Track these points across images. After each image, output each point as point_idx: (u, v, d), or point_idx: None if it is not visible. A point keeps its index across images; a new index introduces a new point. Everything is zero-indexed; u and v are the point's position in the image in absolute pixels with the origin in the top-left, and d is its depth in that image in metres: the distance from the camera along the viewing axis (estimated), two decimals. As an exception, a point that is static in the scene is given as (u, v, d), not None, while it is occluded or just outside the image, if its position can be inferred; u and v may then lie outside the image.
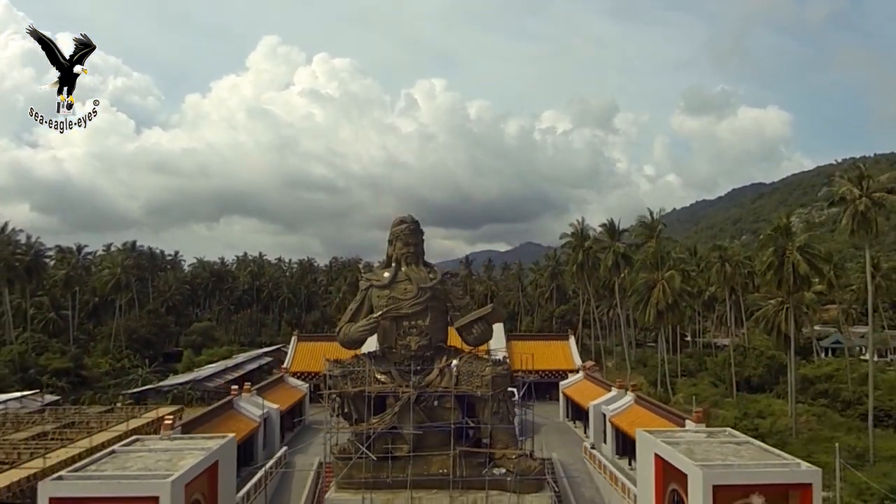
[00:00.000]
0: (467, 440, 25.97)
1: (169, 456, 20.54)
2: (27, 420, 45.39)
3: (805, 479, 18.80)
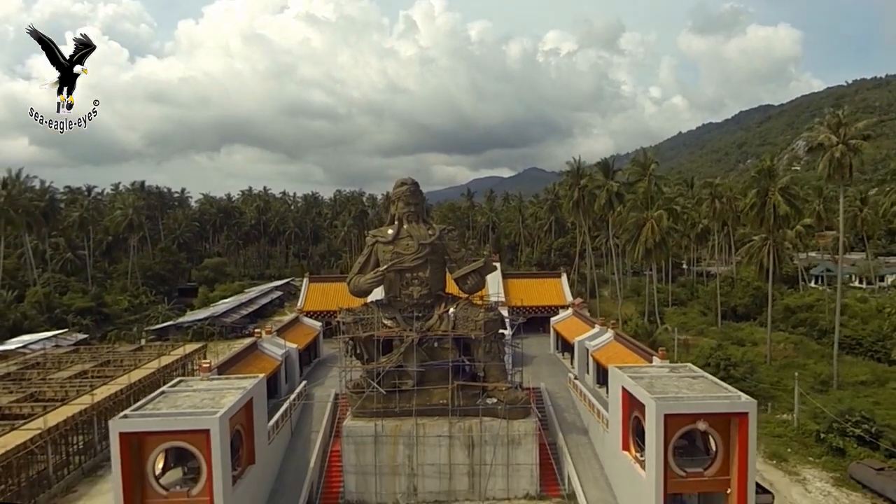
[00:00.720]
0: (463, 375, 29.84)
1: (212, 395, 24.43)
2: (65, 360, 49.75)
3: (743, 408, 22.54)
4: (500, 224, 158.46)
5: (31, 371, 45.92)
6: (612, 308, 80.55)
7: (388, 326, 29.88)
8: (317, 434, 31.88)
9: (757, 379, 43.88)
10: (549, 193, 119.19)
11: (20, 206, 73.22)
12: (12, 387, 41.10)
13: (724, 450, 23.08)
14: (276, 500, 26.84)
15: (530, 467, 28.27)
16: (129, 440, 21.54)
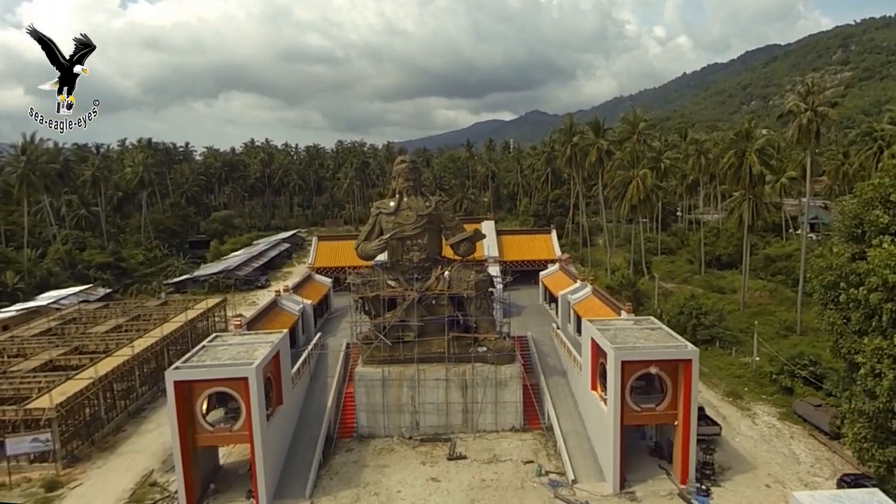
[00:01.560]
0: (458, 328, 34.45)
1: (245, 348, 29.08)
2: (99, 315, 54.50)
3: (688, 355, 27.11)
4: (500, 174, 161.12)
5: (69, 326, 50.75)
6: (605, 257, 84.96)
7: (391, 287, 34.33)
8: (332, 379, 36.88)
9: (724, 326, 48.54)
10: (546, 145, 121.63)
11: (39, 170, 76.75)
12: (57, 341, 46.01)
13: (673, 389, 27.79)
14: (301, 434, 31.94)
15: (515, 405, 33.24)
16: (182, 387, 26.24)
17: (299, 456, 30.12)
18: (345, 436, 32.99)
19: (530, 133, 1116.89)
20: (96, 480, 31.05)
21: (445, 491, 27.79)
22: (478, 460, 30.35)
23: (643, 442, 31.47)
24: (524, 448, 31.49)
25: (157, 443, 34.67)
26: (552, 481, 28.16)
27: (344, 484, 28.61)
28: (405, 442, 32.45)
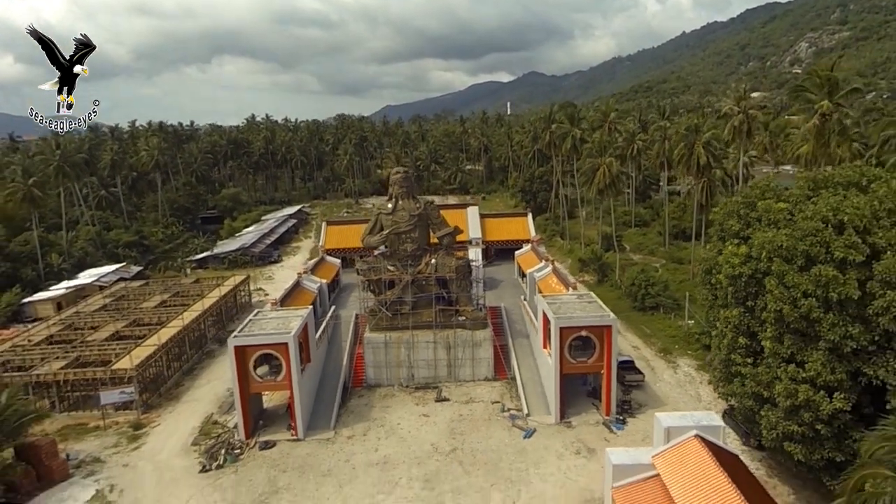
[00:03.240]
0: (442, 302, 44.12)
1: (282, 321, 38.84)
2: (143, 292, 64.05)
3: (609, 322, 36.85)
4: (493, 147, 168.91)
5: (121, 302, 60.50)
6: (584, 229, 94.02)
7: (391, 271, 43.94)
8: (345, 342, 46.84)
9: (668, 295, 58.25)
10: (531, 125, 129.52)
11: (70, 161, 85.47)
12: (116, 315, 55.84)
13: (600, 347, 37.60)
14: (324, 384, 41.97)
15: (487, 360, 43.17)
16: (239, 350, 36.06)
17: (324, 400, 40.20)
18: (357, 385, 43.02)
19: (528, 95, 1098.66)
20: (169, 422, 41.15)
21: (433, 423, 37.91)
22: (458, 402, 40.47)
23: (584, 387, 41.41)
24: (493, 392, 41.56)
25: (211, 394, 44.78)
26: (511, 415, 38.27)
27: (358, 419, 38.76)
28: (403, 389, 42.51)
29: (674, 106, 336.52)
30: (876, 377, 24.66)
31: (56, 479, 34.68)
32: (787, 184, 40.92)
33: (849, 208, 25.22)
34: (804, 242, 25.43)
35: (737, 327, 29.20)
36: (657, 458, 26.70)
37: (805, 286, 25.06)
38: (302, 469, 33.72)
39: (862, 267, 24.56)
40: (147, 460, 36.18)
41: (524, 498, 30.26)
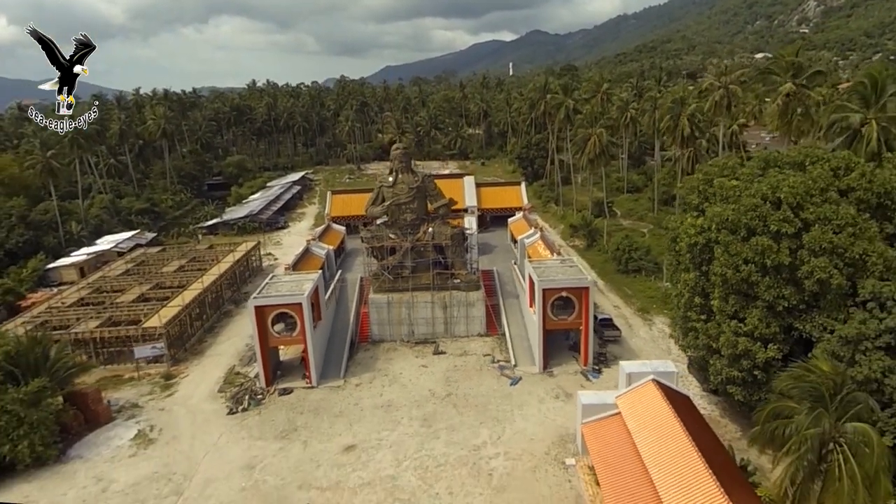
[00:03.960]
0: (439, 266, 48.56)
1: (295, 284, 43.40)
2: (161, 258, 68.51)
3: (586, 284, 41.35)
4: (492, 113, 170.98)
5: (143, 267, 65.09)
6: (578, 195, 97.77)
7: (392, 238, 48.28)
8: (352, 302, 51.52)
9: (649, 259, 62.59)
10: (528, 94, 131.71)
11: (84, 133, 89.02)
12: (139, 279, 60.51)
13: (579, 306, 42.18)
14: (334, 339, 46.80)
15: (480, 318, 47.84)
16: (259, 310, 40.71)
17: (334, 353, 45.07)
18: (363, 340, 47.86)
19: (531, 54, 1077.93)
20: (196, 373, 46.14)
21: (431, 372, 42.82)
22: (453, 354, 45.33)
23: (566, 342, 46.12)
24: (485, 346, 46.39)
25: (232, 349, 49.71)
26: (500, 366, 43.15)
27: (364, 369, 43.70)
28: (404, 344, 47.36)
29: (676, 68, 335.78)
30: (804, 331, 29.22)
31: (101, 422, 39.76)
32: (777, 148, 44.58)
33: (785, 187, 29.36)
34: (746, 216, 29.67)
35: (693, 289, 33.71)
36: (619, 398, 31.52)
37: (746, 254, 29.42)
38: (316, 411, 38.78)
39: (794, 237, 28.84)
40: (180, 405, 41.27)
41: (508, 433, 35.28)
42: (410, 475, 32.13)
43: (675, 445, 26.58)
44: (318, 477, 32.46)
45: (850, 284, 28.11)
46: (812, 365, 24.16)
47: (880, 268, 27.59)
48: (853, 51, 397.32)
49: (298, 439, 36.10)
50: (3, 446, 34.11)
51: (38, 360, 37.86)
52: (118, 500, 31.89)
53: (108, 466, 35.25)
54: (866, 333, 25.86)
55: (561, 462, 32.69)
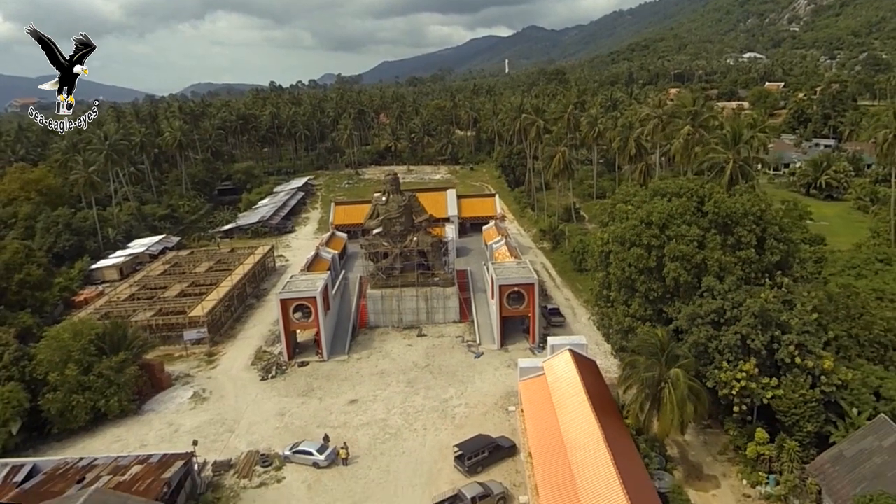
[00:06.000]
0: (422, 268, 61.38)
1: (310, 281, 56.28)
2: (191, 260, 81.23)
3: (533, 281, 54.24)
4: (481, 119, 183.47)
5: (176, 268, 77.82)
6: (554, 200, 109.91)
7: (385, 246, 61.11)
8: (353, 296, 64.37)
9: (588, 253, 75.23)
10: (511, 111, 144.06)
11: (117, 149, 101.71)
12: (177, 278, 73.22)
13: (528, 298, 55.01)
14: (339, 324, 59.66)
15: (455, 308, 60.68)
16: (283, 302, 53.55)
17: (339, 335, 57.93)
18: (362, 326, 60.67)
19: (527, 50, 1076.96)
20: (232, 352, 58.94)
21: (415, 350, 55.73)
22: (432, 336, 58.24)
23: (521, 326, 58.88)
24: (458, 330, 59.29)
25: (259, 333, 62.51)
26: (468, 344, 56.05)
27: (363, 348, 56.62)
28: (395, 329, 60.22)
29: (664, 70, 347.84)
30: (668, 312, 42.08)
31: (164, 387, 52.57)
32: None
33: (655, 213, 42.16)
34: (629, 233, 42.51)
35: (601, 284, 46.64)
36: (544, 363, 44.46)
37: (629, 259, 42.26)
38: (328, 377, 51.73)
39: (659, 248, 41.66)
40: (223, 375, 54.16)
41: (469, 391, 48.22)
42: (397, 417, 45.12)
43: (574, 392, 39.54)
44: (331, 420, 45.39)
45: (696, 280, 40.93)
46: (652, 332, 37.10)
47: (716, 269, 40.42)
48: (841, 49, 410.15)
49: (315, 396, 49.04)
50: (100, 401, 46.88)
51: (119, 340, 50.67)
52: (187, 437, 44.56)
53: (175, 416, 48.15)
54: (699, 313, 38.70)
55: (505, 409, 45.66)
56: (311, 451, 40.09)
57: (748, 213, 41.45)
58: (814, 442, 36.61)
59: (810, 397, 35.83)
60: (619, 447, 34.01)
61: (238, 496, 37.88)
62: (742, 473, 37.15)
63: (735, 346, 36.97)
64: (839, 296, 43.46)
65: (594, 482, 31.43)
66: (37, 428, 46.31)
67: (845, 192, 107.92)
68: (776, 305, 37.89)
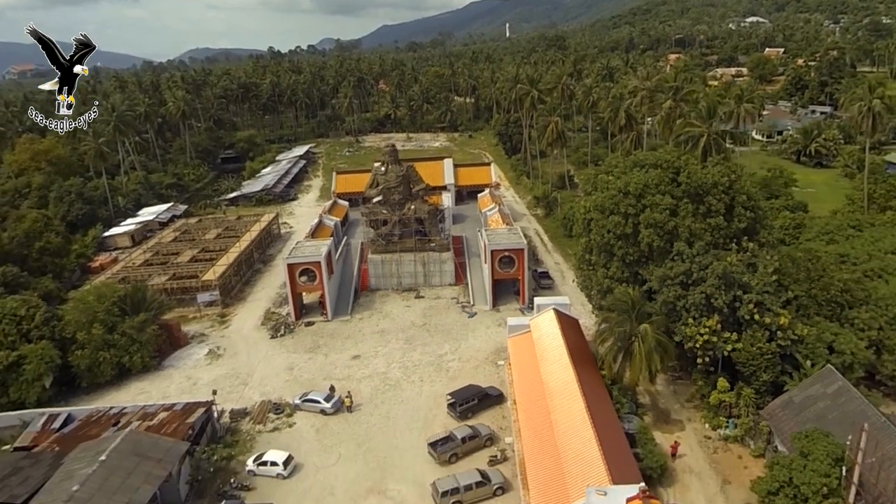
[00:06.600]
0: (420, 234, 65.12)
1: (314, 247, 60.16)
2: (200, 227, 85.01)
3: (521, 247, 58.05)
4: (480, 88, 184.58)
5: (186, 235, 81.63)
6: (550, 168, 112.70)
7: (384, 213, 64.75)
8: (355, 261, 68.31)
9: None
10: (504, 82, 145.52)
11: (124, 119, 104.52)
12: (188, 245, 77.08)
13: (518, 262, 58.88)
14: (342, 288, 63.70)
15: (450, 272, 64.63)
16: (290, 266, 57.49)
17: (343, 297, 62.04)
18: (363, 289, 64.73)
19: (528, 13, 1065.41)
20: (242, 313, 63.16)
21: (413, 310, 59.88)
22: (429, 298, 62.36)
23: (513, 288, 62.81)
24: (453, 292, 63.35)
25: (267, 295, 66.65)
26: (462, 305, 60.16)
27: (365, 309, 60.79)
28: (394, 291, 64.30)
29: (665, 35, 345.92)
30: (643, 275, 45.95)
31: (181, 345, 56.90)
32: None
33: (632, 183, 45.67)
34: (608, 202, 46.10)
35: (583, 249, 50.42)
36: (531, 321, 48.57)
37: (608, 226, 45.94)
38: (332, 335, 56.01)
39: (635, 216, 45.28)
40: (235, 333, 58.47)
41: (462, 347, 52.50)
42: (396, 371, 49.49)
43: (556, 346, 43.69)
44: (336, 373, 49.77)
45: (669, 245, 44.66)
46: (626, 292, 41.06)
47: (686, 235, 44.11)
48: (845, 14, 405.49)
49: (321, 352, 53.39)
50: (124, 357, 51.24)
51: (139, 301, 54.83)
52: (205, 389, 48.98)
53: (193, 371, 52.59)
54: (669, 275, 42.55)
55: (494, 363, 49.97)
56: (318, 399, 44.51)
57: (718, 184, 44.90)
58: (770, 390, 40.76)
59: (766, 350, 39.87)
60: (593, 394, 38.30)
61: (254, 439, 42.38)
62: (705, 418, 41.50)
63: (700, 304, 40.87)
64: (801, 259, 47.19)
65: (569, 423, 35.78)
66: (66, 383, 50.72)
67: (834, 160, 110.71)
68: (740, 268, 41.67)
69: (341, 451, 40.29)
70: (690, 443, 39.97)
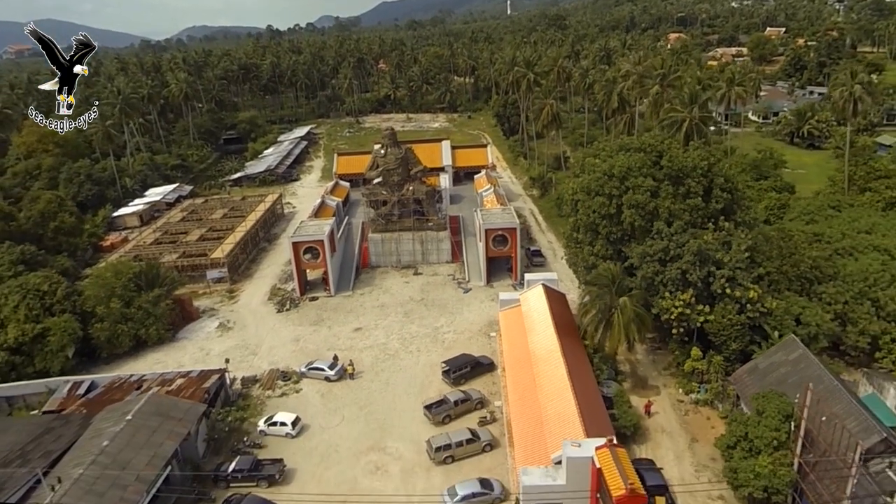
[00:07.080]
0: (418, 214, 68.21)
1: (317, 226, 63.36)
2: (207, 207, 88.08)
3: (514, 226, 61.18)
4: (479, 69, 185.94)
5: (194, 215, 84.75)
6: (547, 149, 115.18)
7: (384, 194, 67.80)
8: (356, 239, 71.55)
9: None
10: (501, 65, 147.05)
11: (129, 102, 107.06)
12: (196, 224, 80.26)
13: (511, 241, 62.05)
14: (344, 265, 67.01)
15: (447, 250, 67.86)
16: (295, 244, 60.73)
17: (344, 274, 65.39)
18: (364, 266, 68.02)
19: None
20: (250, 289, 66.57)
21: (411, 286, 63.25)
22: (427, 275, 65.70)
23: (506, 265, 66.11)
24: (449, 269, 66.67)
25: (272, 272, 70.00)
26: (458, 281, 63.51)
27: (366, 285, 64.17)
28: (394, 269, 67.61)
29: (667, 13, 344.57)
30: (625, 252, 49.15)
31: (193, 319, 60.38)
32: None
33: (616, 166, 48.63)
34: (594, 184, 49.13)
35: (571, 228, 53.57)
36: (521, 295, 51.93)
37: (593, 207, 49.02)
38: (335, 309, 59.47)
39: (619, 197, 48.33)
40: (243, 308, 61.94)
41: (457, 321, 55.94)
42: (395, 342, 53.02)
43: (542, 318, 47.08)
44: (339, 344, 53.28)
45: (649, 225, 47.76)
46: (608, 268, 44.33)
47: (666, 215, 47.21)
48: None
49: (325, 325, 56.88)
50: (140, 330, 54.72)
51: (153, 278, 58.21)
52: (217, 359, 52.44)
53: (205, 342, 56.13)
54: (648, 252, 45.75)
55: (487, 335, 53.44)
56: (323, 367, 48.09)
57: (697, 167, 47.86)
58: (739, 358, 44.17)
59: (736, 322, 43.21)
60: (575, 361, 41.76)
61: (264, 403, 46.00)
62: (679, 384, 45.05)
63: (676, 279, 44.14)
64: (774, 238, 50.36)
65: (551, 387, 39.29)
66: (87, 353, 54.23)
67: (826, 142, 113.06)
68: (714, 245, 44.85)
69: (344, 414, 43.92)
70: (664, 406, 43.52)
